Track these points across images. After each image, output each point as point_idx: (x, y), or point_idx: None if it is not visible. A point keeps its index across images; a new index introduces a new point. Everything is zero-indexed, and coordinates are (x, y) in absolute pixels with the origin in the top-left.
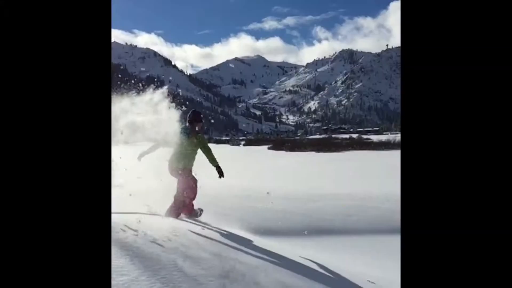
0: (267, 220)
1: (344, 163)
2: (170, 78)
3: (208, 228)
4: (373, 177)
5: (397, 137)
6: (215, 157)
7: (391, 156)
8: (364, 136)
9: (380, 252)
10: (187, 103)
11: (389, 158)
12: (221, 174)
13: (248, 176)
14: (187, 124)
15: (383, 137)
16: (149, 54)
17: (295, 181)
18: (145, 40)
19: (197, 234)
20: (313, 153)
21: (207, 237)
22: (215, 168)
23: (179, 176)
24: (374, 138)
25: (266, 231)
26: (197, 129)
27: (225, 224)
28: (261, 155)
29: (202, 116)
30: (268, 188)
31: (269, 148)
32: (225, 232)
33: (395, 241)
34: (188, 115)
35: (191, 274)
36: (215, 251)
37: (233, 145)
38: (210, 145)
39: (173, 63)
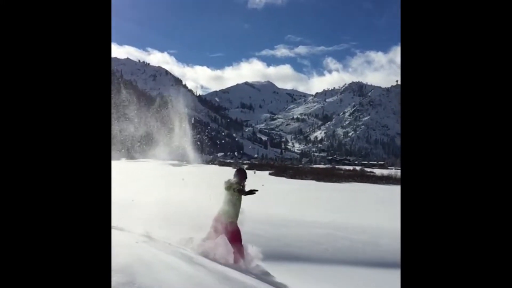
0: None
1: (339, 193)
2: (179, 97)
3: (148, 242)
4: (361, 208)
5: (399, 172)
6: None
7: (389, 190)
8: (368, 169)
9: (336, 283)
10: (197, 124)
11: (386, 192)
12: (250, 192)
13: None
14: (235, 181)
15: (386, 172)
16: (161, 73)
17: (279, 207)
18: (158, 58)
19: (131, 247)
20: (313, 182)
21: (141, 251)
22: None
23: (230, 227)
24: (377, 172)
25: None
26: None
27: (183, 244)
28: (260, 180)
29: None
30: (247, 211)
31: (270, 174)
32: (168, 249)
33: (358, 273)
34: (236, 173)
35: None
36: (128, 266)
37: (235, 168)
38: (215, 166)
39: (183, 83)
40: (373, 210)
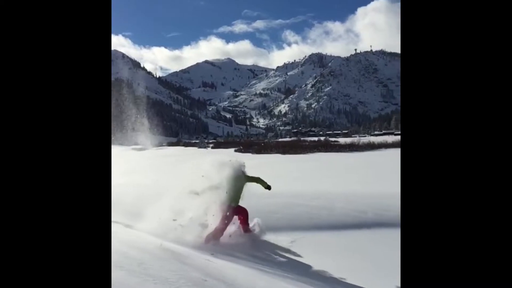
0: None
1: (302, 164)
2: (139, 80)
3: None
4: (321, 176)
5: (362, 139)
6: (265, 182)
7: (352, 157)
8: (332, 139)
9: (289, 249)
10: (159, 106)
11: (348, 159)
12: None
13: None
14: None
15: (350, 140)
16: (117, 56)
17: None
18: (113, 41)
19: None
20: (278, 155)
21: None
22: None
23: (235, 209)
24: (342, 140)
25: None
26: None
27: (131, 219)
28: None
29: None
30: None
31: (236, 151)
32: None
33: (311, 237)
34: (239, 166)
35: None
36: None
37: (200, 148)
38: (180, 147)
39: (142, 66)
40: (333, 177)
